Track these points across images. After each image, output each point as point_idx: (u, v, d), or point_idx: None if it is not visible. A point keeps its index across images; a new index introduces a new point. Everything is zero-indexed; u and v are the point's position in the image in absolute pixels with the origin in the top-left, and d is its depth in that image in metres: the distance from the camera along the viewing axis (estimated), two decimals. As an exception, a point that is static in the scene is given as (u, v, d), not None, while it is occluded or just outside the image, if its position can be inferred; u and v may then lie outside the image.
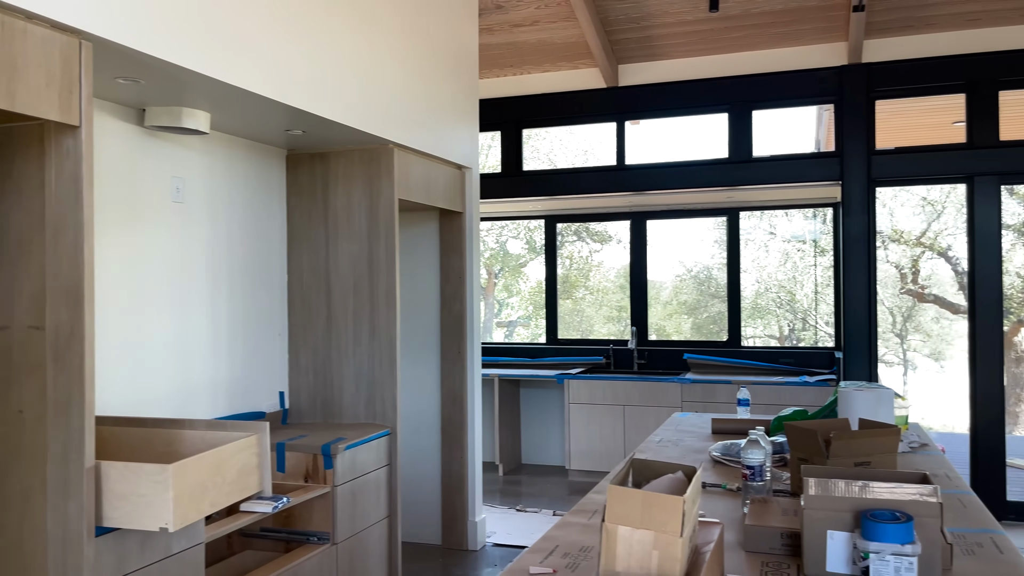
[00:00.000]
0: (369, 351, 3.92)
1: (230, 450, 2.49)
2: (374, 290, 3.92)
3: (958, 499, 2.51)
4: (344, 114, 3.44)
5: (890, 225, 13.58)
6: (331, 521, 3.45)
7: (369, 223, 3.93)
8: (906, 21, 5.32)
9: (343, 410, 3.97)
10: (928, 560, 1.75)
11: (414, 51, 4.10)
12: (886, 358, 18.17)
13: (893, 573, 1.70)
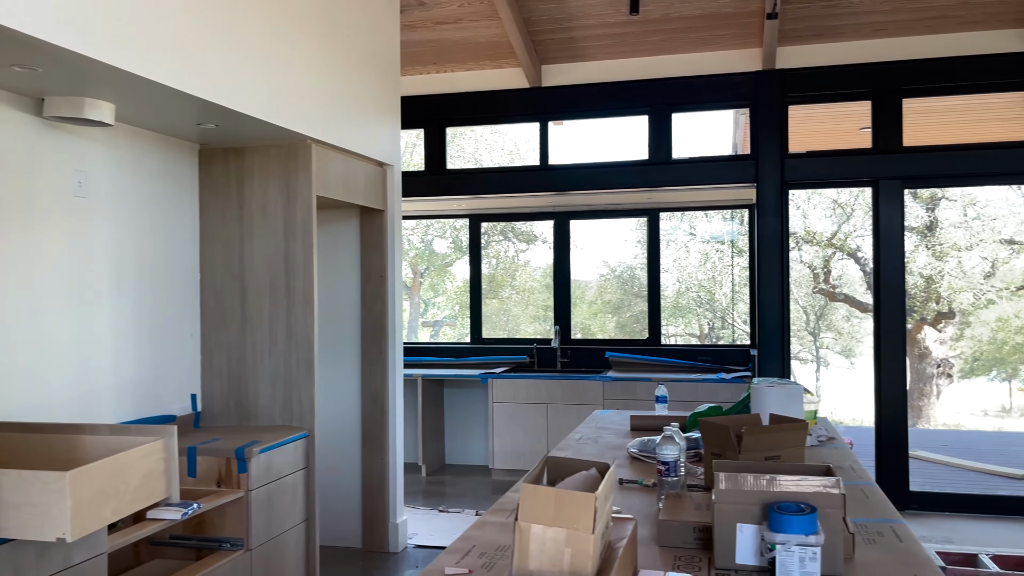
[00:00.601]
0: (286, 351, 3.83)
1: (134, 455, 2.38)
2: (291, 289, 3.83)
3: (861, 490, 2.60)
4: (258, 108, 3.34)
5: (804, 226, 14.08)
6: (245, 527, 3.35)
7: (286, 220, 3.83)
8: (817, 30, 5.51)
9: (259, 412, 3.86)
10: (831, 549, 1.81)
11: (332, 45, 4.02)
12: (800, 355, 18.84)
13: (798, 563, 1.74)
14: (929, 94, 5.59)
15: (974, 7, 5.16)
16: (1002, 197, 13.12)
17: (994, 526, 5.18)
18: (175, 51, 2.86)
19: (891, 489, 5.52)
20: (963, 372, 16.66)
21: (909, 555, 1.99)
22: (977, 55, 5.38)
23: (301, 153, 3.82)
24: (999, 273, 13.63)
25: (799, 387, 3.22)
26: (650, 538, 2.09)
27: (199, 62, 2.99)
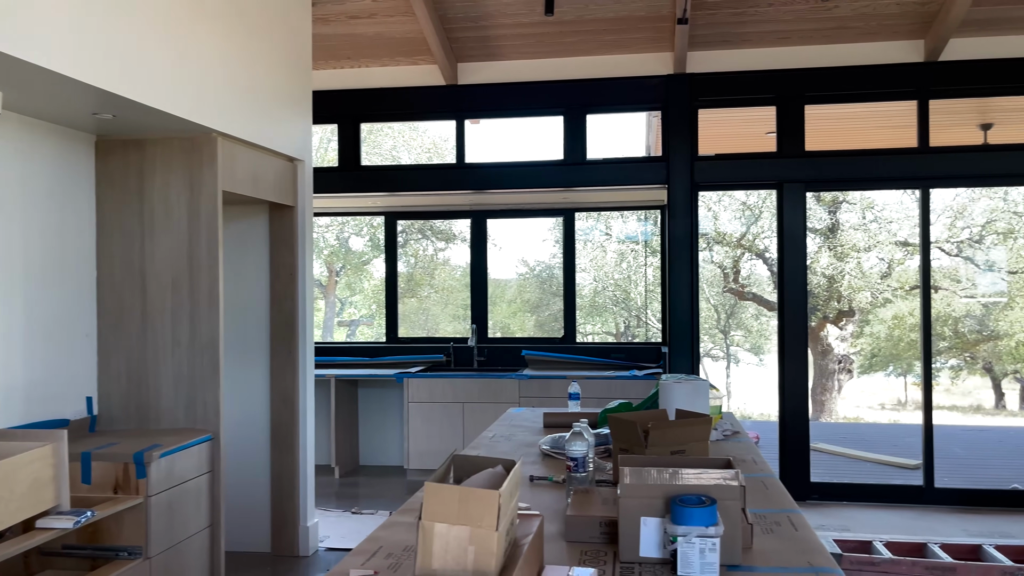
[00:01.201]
0: (190, 352, 3.70)
1: (19, 462, 2.25)
2: (195, 287, 3.70)
3: (762, 482, 2.68)
4: (158, 98, 3.21)
5: (714, 227, 14.50)
6: (144, 534, 3.21)
7: (190, 216, 3.70)
8: (725, 36, 5.67)
9: (161, 415, 3.72)
10: (730, 540, 1.86)
11: (240, 35, 3.90)
12: (712, 352, 19.39)
13: (698, 554, 1.78)
14: (829, 101, 5.83)
15: (871, 19, 5.41)
16: (897, 201, 13.82)
17: (888, 514, 5.44)
18: (66, 36, 2.72)
19: (794, 480, 5.74)
20: (862, 368, 17.48)
21: (804, 543, 2.06)
22: (874, 65, 5.64)
23: (206, 146, 3.69)
24: (895, 273, 14.35)
25: (705, 383, 3.31)
26: (559, 534, 2.10)
27: (93, 48, 2.85)
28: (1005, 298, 14.69)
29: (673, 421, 2.70)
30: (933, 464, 5.67)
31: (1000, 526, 5.13)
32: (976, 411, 16.76)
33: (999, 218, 14.13)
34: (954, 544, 4.35)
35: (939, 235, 14.51)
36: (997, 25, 5.38)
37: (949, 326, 15.38)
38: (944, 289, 15.28)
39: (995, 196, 13.81)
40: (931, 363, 5.79)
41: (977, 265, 14.84)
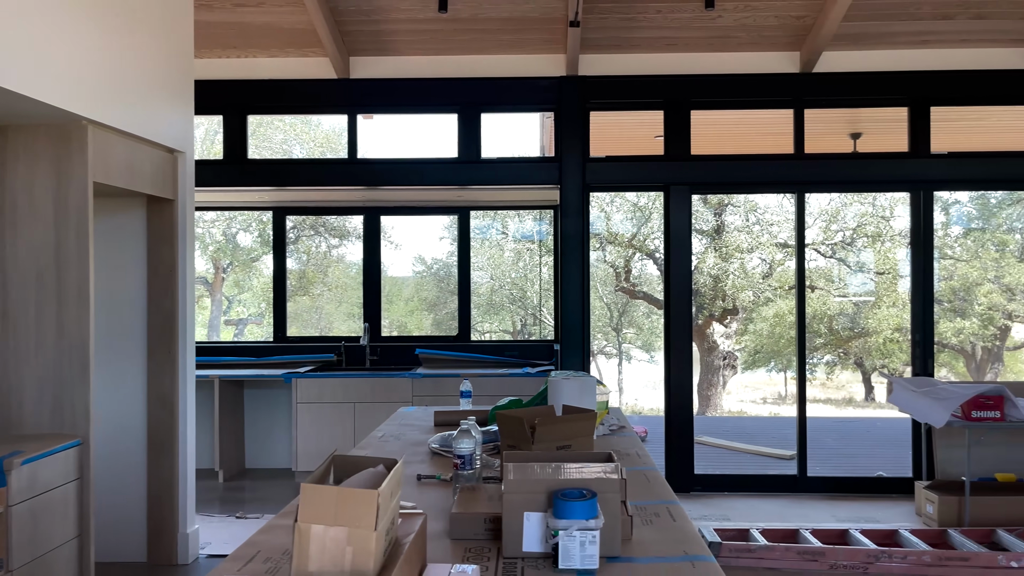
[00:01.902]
0: (56, 352, 3.47)
1: None
2: (63, 284, 3.48)
3: (644, 475, 2.75)
4: (19, 82, 3.00)
5: (607, 228, 14.84)
6: (5, 546, 3.00)
7: (57, 208, 3.48)
8: (615, 40, 5.80)
9: (23, 420, 3.48)
10: (610, 532, 1.90)
11: (115, 19, 3.70)
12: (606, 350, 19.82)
13: (579, 547, 1.81)
14: (714, 107, 6.06)
15: (752, 30, 5.65)
16: (777, 204, 14.53)
17: (765, 502, 5.71)
18: (-88, 10, 2.50)
19: (679, 472, 5.94)
20: (746, 364, 18.28)
21: (680, 533, 2.13)
22: (754, 74, 5.90)
23: (75, 135, 3.48)
24: (775, 273, 15.07)
25: (592, 379, 3.37)
26: (444, 532, 2.09)
27: (-56, 25, 2.64)
28: (873, 297, 15.68)
29: (559, 417, 2.74)
30: (806, 454, 5.98)
31: (866, 511, 5.47)
32: (848, 403, 17.81)
33: (868, 222, 15.06)
34: (824, 529, 4.60)
35: (815, 237, 15.34)
36: (866, 40, 5.73)
37: (824, 324, 16.28)
38: (820, 289, 16.17)
39: (865, 201, 14.72)
40: (805, 359, 6.11)
41: (849, 266, 15.77)
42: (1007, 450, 5.46)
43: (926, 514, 5.13)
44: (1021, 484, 5.29)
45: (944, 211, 14.65)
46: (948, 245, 15.20)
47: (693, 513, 5.40)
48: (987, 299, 14.77)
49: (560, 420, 2.68)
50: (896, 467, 6.50)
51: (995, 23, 5.52)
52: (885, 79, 5.82)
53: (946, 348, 16.04)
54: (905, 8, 5.38)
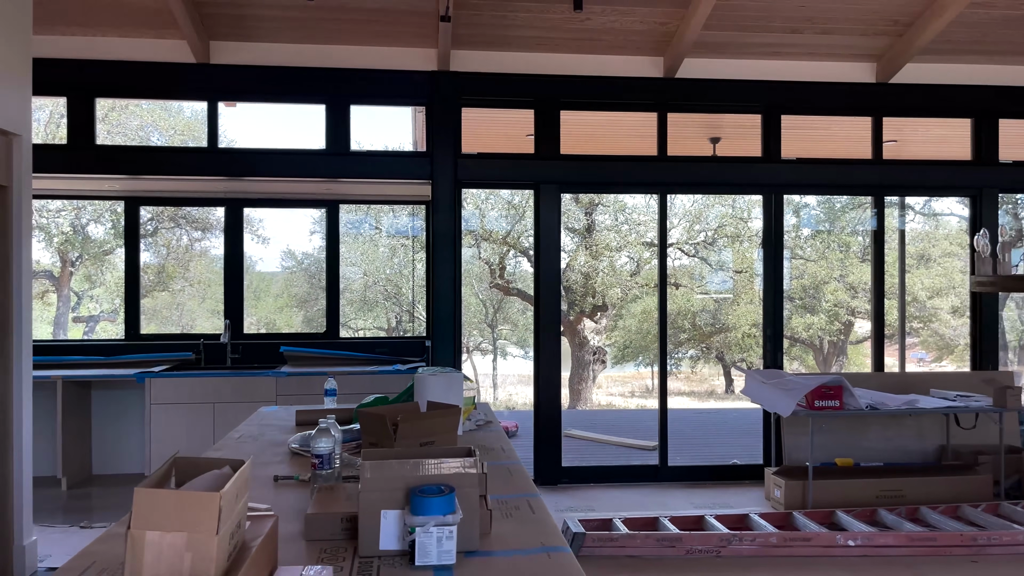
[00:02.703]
0: None
1: None
2: None
3: (507, 469, 2.77)
4: None
5: (481, 225, 14.92)
6: None
7: None
8: (487, 38, 5.82)
9: None
10: (468, 526, 1.90)
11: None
12: (482, 346, 19.93)
13: (436, 543, 1.80)
14: (582, 108, 6.19)
15: (618, 34, 5.81)
16: (644, 204, 15.06)
17: (629, 492, 5.90)
18: None
19: (547, 466, 6.04)
20: (615, 359, 18.86)
21: (539, 525, 2.16)
22: (621, 76, 6.07)
23: None
24: (643, 272, 15.62)
25: (459, 375, 3.36)
26: (300, 534, 2.03)
27: None
28: (732, 295, 16.54)
29: (423, 413, 2.72)
30: (667, 445, 6.23)
31: (721, 498, 5.75)
32: (710, 396, 18.71)
33: (728, 223, 15.87)
34: (681, 516, 4.80)
35: (679, 237, 16.01)
36: (724, 49, 6.01)
37: (688, 320, 17.03)
38: (684, 286, 16.89)
39: (726, 203, 15.50)
40: (667, 354, 6.36)
41: (710, 265, 16.56)
42: (846, 437, 5.89)
43: (774, 498, 5.45)
44: (858, 468, 5.72)
45: (796, 214, 15.64)
46: (799, 246, 16.24)
47: (560, 505, 5.51)
48: (833, 296, 15.90)
49: (423, 417, 2.66)
50: (750, 455, 6.88)
51: (839, 38, 5.93)
52: (741, 87, 6.13)
53: (797, 342, 17.14)
54: (759, 21, 5.69)
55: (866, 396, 5.50)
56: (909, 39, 5.81)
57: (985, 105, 6.29)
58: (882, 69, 6.17)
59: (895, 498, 5.27)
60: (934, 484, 5.34)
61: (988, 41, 5.98)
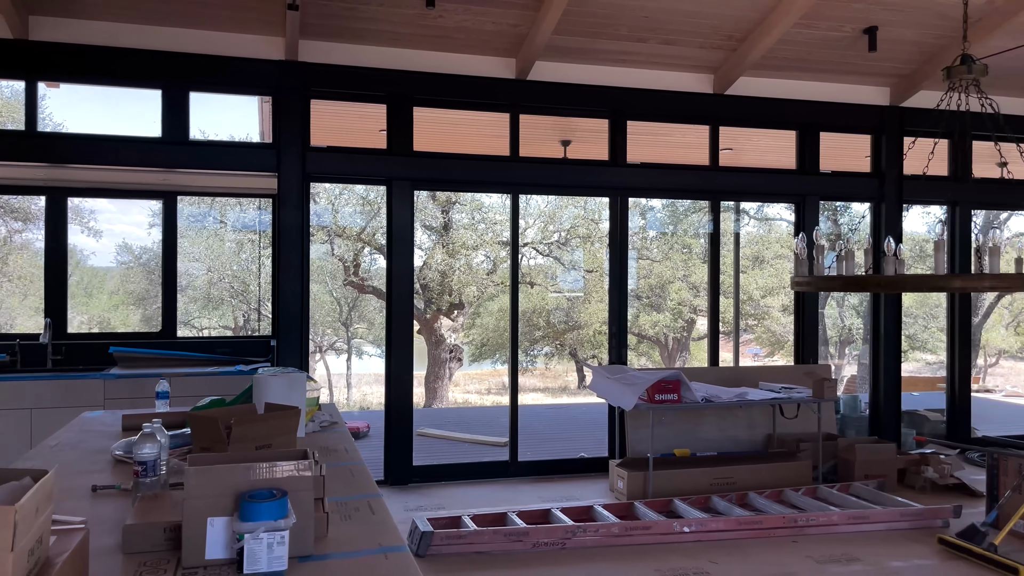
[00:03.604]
0: None
1: None
2: None
3: (349, 470, 2.72)
4: None
5: (334, 220, 14.58)
6: None
7: None
8: (338, 29, 5.68)
9: None
10: (301, 531, 1.84)
11: None
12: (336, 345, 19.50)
13: (266, 549, 1.73)
14: (436, 105, 6.17)
15: (472, 33, 5.83)
16: (501, 204, 15.25)
17: (480, 489, 5.95)
18: None
19: (398, 465, 5.99)
20: (473, 356, 19.00)
21: (379, 526, 2.13)
22: (475, 76, 6.10)
23: None
24: (499, 270, 15.80)
25: (302, 375, 3.26)
26: (119, 546, 1.90)
27: None
28: (583, 293, 17.06)
29: (259, 415, 2.61)
30: (518, 441, 6.33)
31: (569, 491, 5.91)
32: (563, 391, 19.22)
33: (581, 224, 16.35)
34: (529, 511, 4.89)
35: (534, 237, 16.32)
36: (574, 54, 6.17)
37: (543, 317, 17.41)
38: (538, 285, 17.25)
39: (578, 205, 15.95)
40: (518, 351, 6.46)
41: (563, 264, 17.00)
42: (684, 428, 6.21)
43: (618, 489, 5.66)
44: (695, 458, 6.04)
45: (642, 216, 16.34)
46: (646, 247, 16.99)
47: (410, 504, 5.47)
48: (677, 295, 16.74)
49: (259, 419, 2.56)
50: (597, 448, 7.11)
51: (680, 49, 6.23)
52: (590, 91, 6.32)
53: (645, 339, 17.92)
54: (606, 28, 5.88)
55: (702, 389, 5.82)
56: (742, 54, 6.20)
57: (808, 118, 6.81)
58: (718, 81, 6.55)
59: (727, 485, 5.61)
60: (761, 471, 5.73)
61: (811, 59, 6.48)
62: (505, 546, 4.42)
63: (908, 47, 6.35)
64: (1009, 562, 4.18)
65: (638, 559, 4.41)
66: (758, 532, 4.74)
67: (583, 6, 5.56)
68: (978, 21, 5.93)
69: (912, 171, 4.95)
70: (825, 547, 4.62)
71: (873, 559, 4.44)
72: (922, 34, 6.16)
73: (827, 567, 4.32)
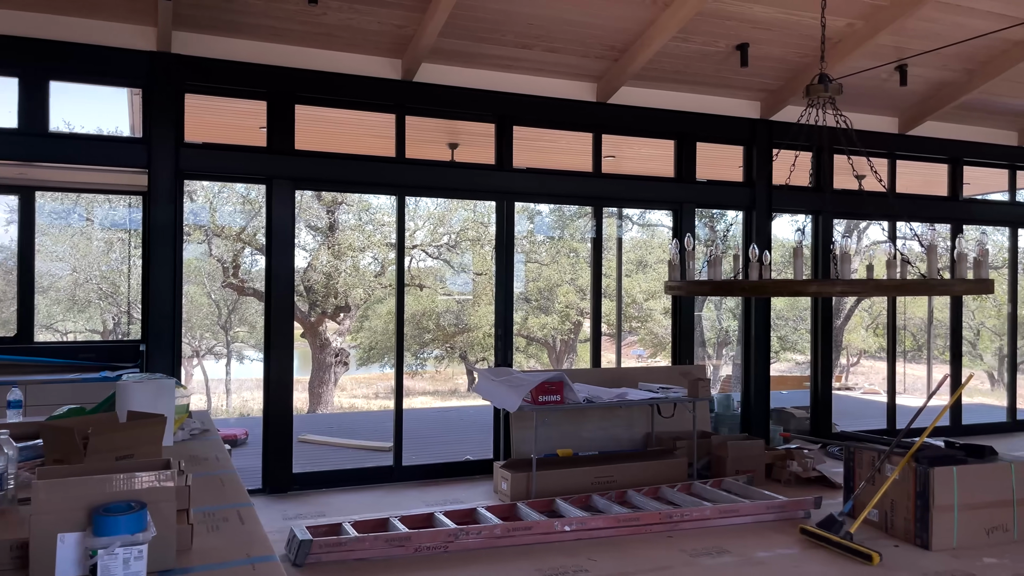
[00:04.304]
0: None
1: None
2: None
3: (220, 479, 2.63)
4: None
5: (212, 220, 14.01)
6: None
7: None
8: (215, 22, 5.47)
9: None
10: (162, 544, 1.77)
11: None
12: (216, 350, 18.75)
13: (122, 565, 1.65)
14: (319, 104, 6.05)
15: (355, 32, 5.75)
16: (390, 205, 15.09)
17: (363, 495, 5.86)
18: None
19: (277, 472, 5.82)
20: (361, 360, 18.68)
21: (248, 536, 2.07)
22: (359, 75, 6.01)
23: None
24: (387, 272, 15.63)
25: (170, 382, 3.13)
26: (-46, 569, 1.76)
27: None
28: (473, 296, 17.10)
29: (119, 424, 2.48)
30: (402, 445, 6.28)
31: (454, 494, 5.91)
32: (453, 394, 19.19)
33: (470, 227, 16.39)
34: (412, 515, 4.86)
35: (424, 239, 16.24)
36: (461, 57, 6.19)
37: (433, 320, 17.34)
38: (428, 287, 17.17)
39: (468, 208, 15.98)
40: (403, 354, 6.42)
41: (453, 267, 16.99)
42: (567, 428, 6.33)
43: (502, 491, 5.71)
44: (577, 457, 6.16)
45: (530, 220, 16.55)
46: (535, 250, 17.22)
47: (289, 512, 5.32)
48: (565, 298, 17.04)
49: (120, 428, 2.44)
50: (484, 450, 7.13)
51: (565, 57, 6.36)
52: (477, 96, 6.35)
53: (534, 341, 18.14)
54: (493, 33, 5.93)
55: (584, 390, 5.95)
56: (623, 64, 6.38)
57: (686, 129, 7.09)
58: (601, 90, 6.72)
59: (608, 483, 5.75)
60: (639, 469, 5.90)
61: (689, 72, 6.75)
62: (387, 552, 4.37)
63: (776, 64, 6.72)
64: (863, 549, 4.47)
65: (520, 559, 4.46)
66: (635, 529, 4.89)
67: (470, 10, 5.58)
68: (838, 43, 6.34)
69: (783, 182, 5.24)
70: (698, 541, 4.82)
71: (741, 550, 4.66)
72: (788, 52, 6.54)
73: (699, 560, 4.51)
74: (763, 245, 7.07)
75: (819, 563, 4.47)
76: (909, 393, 16.87)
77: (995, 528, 4.75)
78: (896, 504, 4.86)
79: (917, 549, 4.66)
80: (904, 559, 4.52)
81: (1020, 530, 4.80)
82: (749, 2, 5.79)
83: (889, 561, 4.47)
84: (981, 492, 4.73)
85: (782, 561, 4.51)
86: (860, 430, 7.69)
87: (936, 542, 4.63)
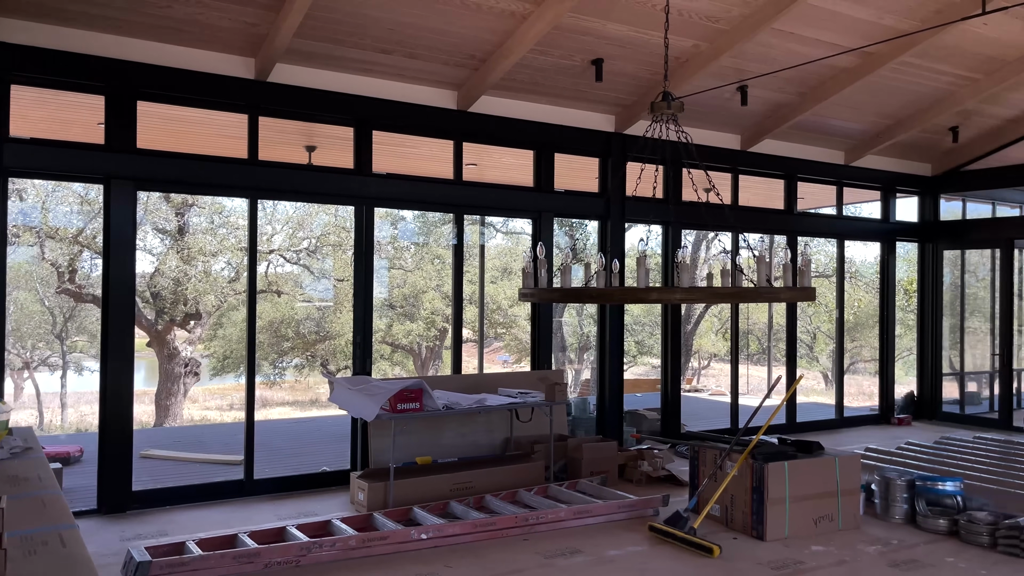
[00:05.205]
0: None
1: None
2: None
3: (41, 500, 2.45)
4: None
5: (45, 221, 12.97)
6: None
7: None
8: (44, 8, 5.08)
9: None
10: (-35, 575, 1.62)
11: None
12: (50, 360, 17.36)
13: (-86, 601, 1.50)
14: (163, 101, 5.75)
15: (204, 28, 5.50)
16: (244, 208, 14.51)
17: (211, 511, 5.59)
18: None
19: (114, 491, 5.46)
20: (215, 370, 17.81)
21: (70, 560, 1.94)
22: (208, 73, 5.75)
23: None
24: (243, 278, 15.02)
25: (-15, 395, 2.87)
26: None
27: None
28: (334, 303, 16.73)
29: (-80, 444, 2.25)
30: (254, 458, 6.04)
31: (309, 506, 5.75)
32: (314, 404, 18.65)
33: (332, 231, 16.03)
34: (262, 530, 4.68)
35: (282, 243, 15.74)
36: (318, 59, 6.05)
37: (292, 328, 16.80)
38: (286, 293, 16.64)
39: (330, 212, 15.63)
40: (255, 362, 6.18)
41: (313, 272, 16.57)
42: (427, 436, 6.30)
43: (358, 501, 5.61)
44: (436, 465, 6.15)
45: (394, 226, 16.40)
46: (400, 256, 17.05)
47: (128, 533, 5.00)
48: (431, 304, 16.97)
49: (-80, 448, 2.21)
50: (341, 461, 6.97)
51: (425, 64, 6.35)
52: (334, 98, 6.23)
53: (399, 348, 17.94)
54: (351, 36, 5.83)
55: (444, 397, 5.95)
56: (483, 74, 6.45)
57: (544, 139, 7.25)
58: (462, 98, 6.76)
59: (466, 489, 5.77)
60: (498, 473, 5.97)
61: (548, 84, 6.91)
62: (234, 570, 4.19)
63: (629, 80, 7.00)
64: (705, 543, 4.72)
65: (375, 570, 4.40)
66: (492, 533, 4.93)
67: (328, 12, 5.48)
68: (685, 62, 6.69)
69: (640, 193, 5.46)
70: (552, 542, 4.92)
71: (593, 550, 4.80)
72: (641, 69, 6.83)
73: (554, 561, 4.60)
74: (616, 254, 7.35)
75: (666, 558, 4.68)
76: (753, 394, 17.99)
77: (822, 517, 5.14)
78: (735, 499, 5.16)
79: (754, 540, 4.97)
80: (741, 550, 4.81)
81: (844, 519, 5.22)
82: (604, 19, 6.00)
83: (728, 553, 4.74)
84: (810, 485, 5.11)
85: (631, 558, 4.68)
86: (706, 430, 8.12)
87: (770, 533, 4.95)
